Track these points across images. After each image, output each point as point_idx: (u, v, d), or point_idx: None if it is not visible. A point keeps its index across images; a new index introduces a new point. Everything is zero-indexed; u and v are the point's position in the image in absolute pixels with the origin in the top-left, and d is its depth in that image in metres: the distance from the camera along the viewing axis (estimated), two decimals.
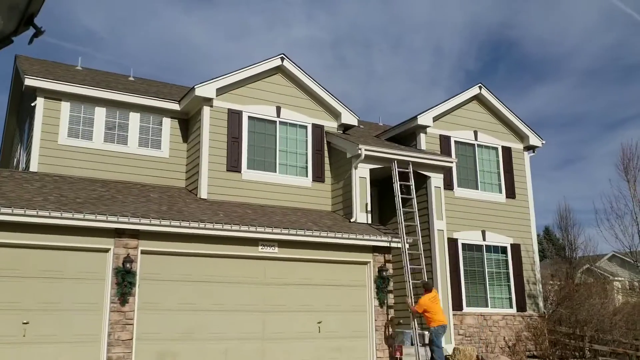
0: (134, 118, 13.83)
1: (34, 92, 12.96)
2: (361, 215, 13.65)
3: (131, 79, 16.33)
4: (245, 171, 13.74)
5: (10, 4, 1.32)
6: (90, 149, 13.17)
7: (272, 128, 14.40)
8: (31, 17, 1.31)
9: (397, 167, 13.99)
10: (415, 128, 15.76)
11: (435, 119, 15.88)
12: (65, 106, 13.12)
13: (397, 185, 13.80)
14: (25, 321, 9.45)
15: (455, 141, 16.28)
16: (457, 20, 62.94)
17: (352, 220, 13.59)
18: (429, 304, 11.84)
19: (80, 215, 9.96)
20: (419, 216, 14.92)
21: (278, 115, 14.47)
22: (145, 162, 13.72)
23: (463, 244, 15.56)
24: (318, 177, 14.71)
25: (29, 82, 12.74)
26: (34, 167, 12.53)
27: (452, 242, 15.24)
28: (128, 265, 10.23)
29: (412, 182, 14.13)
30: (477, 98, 16.98)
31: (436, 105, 15.95)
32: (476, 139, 16.68)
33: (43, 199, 10.39)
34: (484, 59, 71.48)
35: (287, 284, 11.93)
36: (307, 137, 14.81)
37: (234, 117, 13.90)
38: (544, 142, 17.66)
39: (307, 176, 14.61)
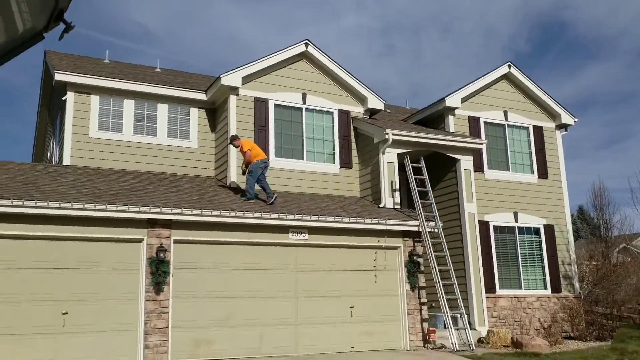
0: (162, 109, 13.97)
1: (64, 87, 13.18)
2: (390, 200, 13.59)
3: (158, 70, 16.47)
4: (273, 159, 13.77)
5: (40, 1, 1.32)
6: (121, 141, 13.37)
7: (298, 115, 14.38)
8: (61, 12, 1.31)
9: (411, 162, 13.93)
10: (444, 110, 15.57)
11: (464, 100, 15.66)
12: (94, 99, 13.32)
13: (412, 179, 13.75)
14: (64, 311, 9.70)
15: (484, 122, 16.03)
16: (507, 4, 61.92)
17: (380, 205, 13.54)
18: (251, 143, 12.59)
19: (114, 207, 10.13)
20: (449, 199, 14.79)
21: (304, 102, 14.45)
22: (174, 153, 13.86)
23: (495, 226, 15.37)
24: (346, 163, 14.68)
25: (58, 76, 12.95)
26: (66, 160, 12.77)
27: (484, 225, 15.07)
28: (161, 254, 10.39)
29: (425, 176, 14.04)
30: (507, 77, 16.67)
31: (464, 86, 15.72)
32: (506, 119, 16.40)
33: (77, 192, 10.60)
34: (534, 41, 70.01)
35: (318, 270, 11.98)
36: (333, 123, 14.76)
37: (260, 105, 13.92)
38: (576, 119, 17.27)
39: (334, 163, 14.58)
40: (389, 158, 13.80)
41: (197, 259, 10.92)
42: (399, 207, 13.69)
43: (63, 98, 13.20)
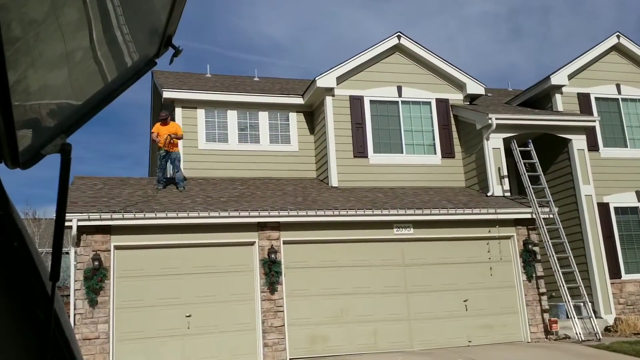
0: (263, 117, 14.42)
1: (172, 103, 13.99)
2: (498, 188, 13.12)
3: (256, 79, 17.02)
4: (372, 155, 13.77)
5: (150, 29, 1.42)
6: (227, 150, 13.97)
7: (394, 109, 14.27)
8: (169, 38, 1.40)
9: (518, 146, 13.31)
10: (550, 89, 14.77)
11: (571, 76, 14.76)
12: (200, 113, 14.02)
13: (521, 164, 13.14)
14: (187, 314, 10.31)
15: (595, 98, 15.01)
16: None
17: (488, 194, 13.11)
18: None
19: (226, 213, 10.64)
20: (562, 183, 14.03)
21: (400, 95, 14.31)
22: (277, 158, 14.27)
23: (615, 208, 14.34)
24: (447, 153, 14.35)
25: (166, 94, 13.78)
26: None
27: (603, 207, 14.10)
28: (273, 255, 10.74)
29: (535, 159, 13.36)
30: (616, 48, 15.50)
31: (570, 62, 14.82)
32: (619, 92, 15.25)
33: (191, 201, 11.23)
34: None
35: (428, 264, 11.82)
36: (431, 113, 14.49)
37: (356, 103, 13.97)
38: None
39: (435, 153, 14.31)
40: (494, 144, 13.32)
41: (306, 258, 11.17)
42: (508, 194, 13.18)
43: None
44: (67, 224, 9.56)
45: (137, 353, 9.91)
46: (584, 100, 14.86)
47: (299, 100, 14.52)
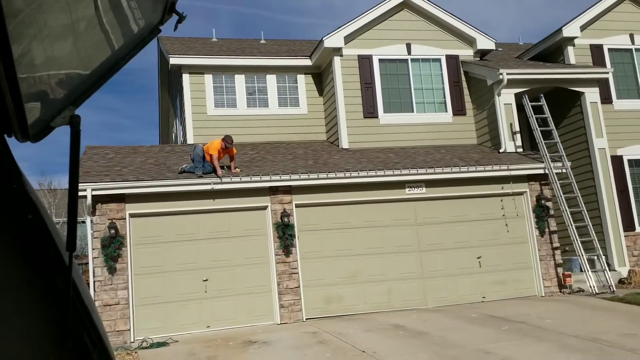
0: (271, 80, 14.31)
1: (179, 69, 13.91)
2: (510, 144, 13.03)
3: (263, 42, 16.82)
4: (382, 115, 13.68)
5: (152, 0, 1.40)
6: (236, 115, 13.93)
7: (404, 67, 14.09)
8: (173, 5, 1.38)
9: (530, 101, 13.12)
10: (561, 42, 14.47)
11: (583, 27, 14.43)
12: (208, 78, 13.94)
13: (533, 119, 12.99)
14: (204, 278, 10.49)
15: (609, 49, 14.70)
16: None
17: (500, 150, 13.02)
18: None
19: (238, 179, 10.69)
20: (575, 137, 13.90)
21: (409, 53, 14.10)
22: (286, 121, 14.22)
23: (629, 160, 14.20)
24: (458, 110, 14.22)
25: (173, 60, 13.69)
26: (190, 139, 13.58)
27: (617, 160, 13.97)
28: (286, 219, 10.83)
29: (547, 114, 13.14)
30: None
31: (582, 13, 14.46)
32: (633, 42, 14.91)
33: None
34: None
35: (440, 223, 11.86)
36: (441, 70, 14.30)
37: (365, 62, 13.80)
38: None
39: (446, 111, 14.18)
40: (505, 99, 13.16)
41: (318, 221, 11.25)
42: (521, 150, 13.09)
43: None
44: (81, 193, 9.66)
45: (156, 317, 10.14)
46: (596, 52, 14.57)
47: (307, 62, 14.37)
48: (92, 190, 9.94)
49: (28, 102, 1.07)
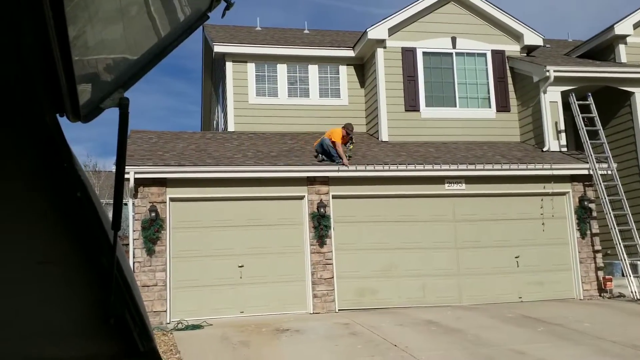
0: (313, 70, 14.32)
1: (223, 57, 14.05)
2: (554, 143, 12.72)
3: (306, 32, 16.83)
4: (424, 109, 13.53)
5: None
6: (277, 104, 14.00)
7: (448, 61, 13.89)
8: None
9: (576, 100, 12.73)
10: (613, 39, 14.00)
11: (636, 25, 13.92)
12: (250, 67, 14.04)
13: (579, 119, 12.60)
14: (240, 264, 10.63)
15: None
16: None
17: (544, 149, 12.73)
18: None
19: (276, 168, 10.77)
20: (622, 138, 13.47)
21: (454, 47, 13.89)
22: (326, 112, 14.20)
23: None
24: (503, 106, 13.94)
25: (217, 48, 13.83)
26: (231, 127, 13.73)
27: None
28: (322, 209, 10.86)
29: (595, 113, 12.76)
30: None
31: (636, 10, 13.94)
32: None
33: (242, 155, 11.40)
34: None
35: (479, 220, 11.70)
36: (486, 65, 14.03)
37: (408, 55, 13.66)
38: None
39: (490, 107, 13.93)
40: (551, 97, 12.84)
41: (355, 213, 11.25)
42: (565, 149, 12.77)
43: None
44: (125, 176, 9.90)
45: (192, 300, 10.34)
46: None
47: (350, 53, 14.31)
48: (135, 173, 10.17)
49: (80, 83, 1.10)
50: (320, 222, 10.86)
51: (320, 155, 11.41)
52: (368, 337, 8.37)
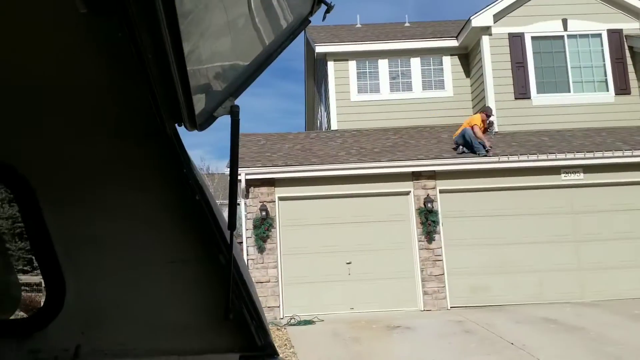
0: (415, 63, 14.12)
1: (324, 57, 14.25)
2: None
3: (407, 25, 16.62)
4: (535, 96, 12.87)
5: None
6: (379, 100, 13.96)
7: (559, 44, 13.11)
8: None
9: None
10: None
11: None
12: (352, 65, 14.11)
13: None
14: (348, 261, 10.74)
15: None
16: None
17: None
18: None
19: (379, 164, 10.75)
20: None
21: (565, 29, 13.09)
22: (430, 105, 13.95)
23: None
24: (622, 89, 12.93)
25: (319, 48, 14.04)
26: (334, 125, 13.89)
27: None
28: (429, 205, 10.70)
29: None
30: None
31: None
32: None
33: (346, 153, 11.50)
34: None
35: (600, 211, 10.96)
36: (602, 46, 13.08)
37: (516, 40, 13.06)
38: None
39: (607, 90, 12.97)
40: None
41: (464, 207, 10.96)
42: None
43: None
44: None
45: (303, 296, 10.59)
46: None
47: (453, 43, 13.94)
48: (246, 174, 10.60)
49: (195, 94, 1.19)
50: (428, 218, 10.70)
51: (460, 147, 11.23)
52: (482, 334, 8.13)
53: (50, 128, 1.33)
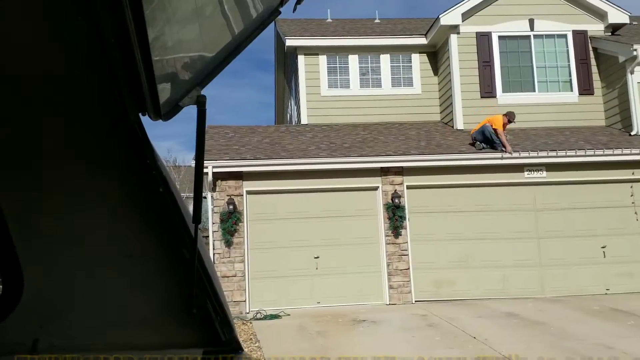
0: (384, 60, 14.19)
1: (295, 51, 14.19)
2: None
3: (377, 21, 16.68)
4: (501, 95, 13.08)
5: None
6: (349, 96, 13.99)
7: (525, 44, 13.35)
8: None
9: None
10: None
11: None
12: (322, 59, 14.10)
13: None
14: (315, 256, 10.75)
15: None
16: None
17: (632, 133, 12.00)
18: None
19: (348, 159, 10.78)
20: None
21: (531, 29, 13.33)
22: (399, 101, 14.05)
23: None
24: (585, 89, 13.25)
25: (289, 42, 13.98)
26: (304, 119, 13.87)
27: None
28: (396, 200, 10.78)
29: None
30: None
31: None
32: None
33: (315, 148, 11.49)
34: None
35: (562, 209, 11.22)
36: (567, 46, 13.37)
37: (483, 40, 13.24)
38: None
39: (571, 90, 13.27)
40: (639, 78, 12.08)
41: (431, 203, 11.08)
42: None
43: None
44: (204, 170, 10.23)
45: (270, 290, 10.57)
46: None
47: (422, 41, 14.06)
48: (213, 167, 10.50)
49: (160, 83, 1.15)
50: (395, 213, 10.79)
51: (479, 143, 11.34)
52: (446, 328, 8.24)
53: (5, 116, 1.28)
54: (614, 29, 13.52)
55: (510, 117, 11.36)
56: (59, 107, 1.25)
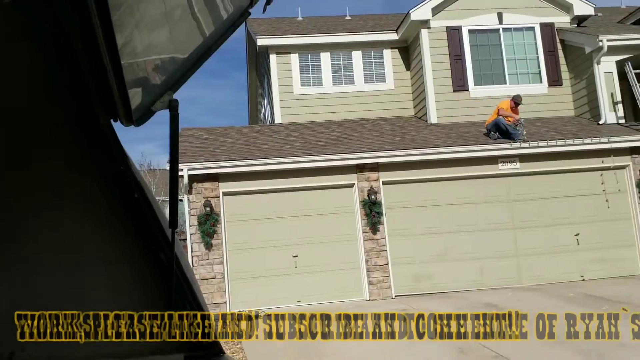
0: (357, 56, 14.23)
1: (267, 50, 14.14)
2: (611, 115, 12.22)
3: (348, 18, 16.72)
4: (473, 88, 13.23)
5: None
6: (322, 94, 13.99)
7: (495, 37, 13.51)
8: None
9: (633, 68, 12.13)
10: None
11: None
12: (294, 58, 14.07)
13: (636, 88, 12.03)
14: (294, 254, 10.74)
15: None
16: None
17: (600, 122, 12.26)
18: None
19: (323, 157, 10.79)
20: None
21: (500, 22, 13.50)
22: (372, 97, 14.10)
23: None
24: (554, 81, 13.48)
25: (260, 41, 13.92)
26: (277, 119, 13.83)
27: None
28: (373, 196, 10.83)
29: None
30: None
31: None
32: None
33: (290, 147, 11.47)
34: None
35: (536, 199, 11.41)
36: (535, 39, 13.58)
37: (454, 34, 13.37)
38: None
39: (541, 82, 13.49)
40: (605, 68, 12.32)
41: (406, 198, 11.16)
42: (623, 121, 12.26)
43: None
44: (179, 173, 10.14)
45: (249, 291, 10.53)
46: None
47: (393, 36, 14.13)
48: (189, 170, 10.41)
49: (131, 88, 1.14)
50: (372, 209, 10.83)
51: (495, 133, 11.58)
52: None
53: None
54: (580, 20, 13.77)
55: (516, 99, 11.78)
56: (28, 114, 1.23)
